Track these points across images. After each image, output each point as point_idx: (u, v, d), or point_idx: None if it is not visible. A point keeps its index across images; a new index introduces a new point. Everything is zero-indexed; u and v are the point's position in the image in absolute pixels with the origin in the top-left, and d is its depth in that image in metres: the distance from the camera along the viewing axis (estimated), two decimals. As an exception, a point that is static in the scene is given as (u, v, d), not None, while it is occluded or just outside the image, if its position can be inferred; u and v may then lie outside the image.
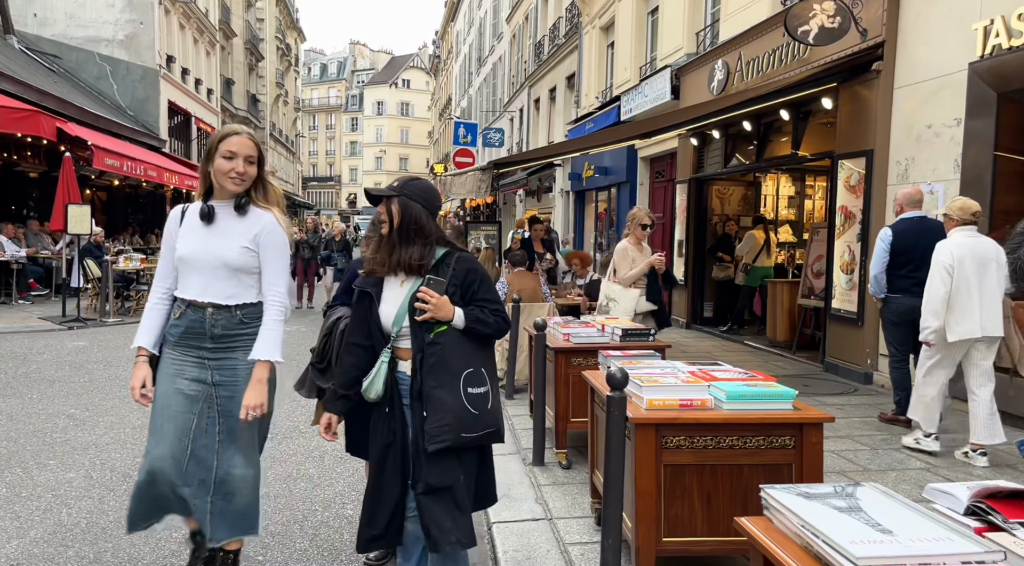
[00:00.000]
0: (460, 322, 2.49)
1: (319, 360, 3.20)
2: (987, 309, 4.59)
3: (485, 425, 2.47)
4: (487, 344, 2.62)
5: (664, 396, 2.86)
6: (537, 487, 4.25)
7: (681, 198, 11.82)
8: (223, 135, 2.81)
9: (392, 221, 2.53)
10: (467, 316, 2.51)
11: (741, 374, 3.21)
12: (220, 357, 2.82)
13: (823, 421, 2.80)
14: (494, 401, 2.53)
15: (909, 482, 4.31)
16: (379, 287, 2.62)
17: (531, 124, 23.62)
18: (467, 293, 2.56)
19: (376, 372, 2.57)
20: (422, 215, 2.53)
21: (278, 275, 2.87)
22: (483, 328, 2.54)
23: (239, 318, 2.82)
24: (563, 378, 4.61)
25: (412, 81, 75.81)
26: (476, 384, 2.48)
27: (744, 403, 2.85)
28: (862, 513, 1.67)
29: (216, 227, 2.83)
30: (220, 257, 2.78)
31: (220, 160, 2.77)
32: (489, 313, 2.55)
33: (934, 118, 6.52)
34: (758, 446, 2.80)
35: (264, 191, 2.92)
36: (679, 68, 11.59)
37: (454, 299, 2.51)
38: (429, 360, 2.46)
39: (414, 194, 2.56)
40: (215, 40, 30.05)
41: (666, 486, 2.79)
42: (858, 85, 7.41)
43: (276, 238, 2.85)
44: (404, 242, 2.53)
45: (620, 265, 6.00)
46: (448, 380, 2.44)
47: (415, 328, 2.49)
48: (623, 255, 6.03)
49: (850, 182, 7.47)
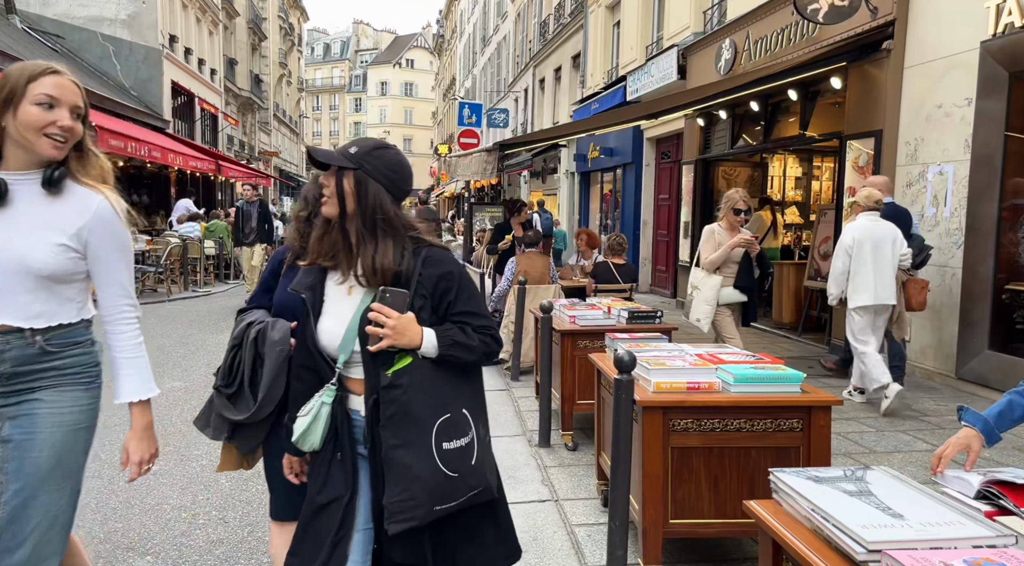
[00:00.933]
0: (431, 349, 1.80)
1: (226, 383, 2.24)
2: (881, 281, 5.45)
3: (468, 487, 1.80)
4: (471, 373, 1.93)
5: (671, 379, 2.85)
6: (543, 469, 4.26)
7: (687, 179, 11.75)
8: (34, 73, 1.89)
9: (343, 202, 1.83)
10: (441, 340, 1.82)
11: (748, 357, 3.20)
12: (13, 403, 1.92)
13: (831, 404, 2.80)
14: (480, 451, 1.85)
15: (915, 464, 4.32)
16: (319, 290, 1.92)
17: (536, 105, 23.46)
18: (441, 306, 1.87)
19: (313, 414, 1.84)
20: (386, 202, 1.84)
21: (123, 282, 2.02)
22: (464, 355, 1.84)
23: (40, 346, 1.91)
24: (569, 360, 4.61)
25: (416, 61, 75.30)
26: (454, 435, 1.80)
27: (752, 386, 2.84)
28: (872, 497, 1.67)
29: (10, 213, 1.88)
30: (19, 259, 1.86)
31: (30, 109, 1.85)
32: (473, 332, 1.87)
33: (944, 98, 6.44)
34: (766, 429, 2.79)
35: (86, 161, 1.99)
36: (686, 48, 11.48)
37: (423, 317, 1.82)
38: (387, 409, 1.76)
39: (377, 171, 1.84)
40: (218, 19, 29.85)
41: (673, 469, 2.80)
42: (868, 64, 7.33)
43: (114, 233, 1.98)
44: (366, 237, 1.83)
45: (705, 249, 5.30)
46: (414, 436, 1.76)
47: (368, 361, 1.81)
48: (709, 237, 5.30)
49: (858, 163, 7.41)
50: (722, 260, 5.16)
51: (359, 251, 1.84)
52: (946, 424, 5.14)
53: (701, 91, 8.64)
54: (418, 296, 1.84)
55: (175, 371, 6.80)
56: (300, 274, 1.96)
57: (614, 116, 10.34)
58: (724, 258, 5.15)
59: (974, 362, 6.02)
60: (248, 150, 34.97)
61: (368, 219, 1.83)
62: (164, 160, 16.34)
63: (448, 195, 38.50)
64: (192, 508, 3.74)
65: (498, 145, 7.36)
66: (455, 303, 1.88)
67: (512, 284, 6.69)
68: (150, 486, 3.97)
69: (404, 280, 1.84)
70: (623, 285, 7.01)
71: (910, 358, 6.78)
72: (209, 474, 4.19)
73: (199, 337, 8.61)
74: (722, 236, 5.22)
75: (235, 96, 32.97)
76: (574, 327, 4.68)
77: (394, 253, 1.84)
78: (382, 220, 1.84)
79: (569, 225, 18.76)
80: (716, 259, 5.17)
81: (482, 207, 11.61)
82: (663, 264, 13.55)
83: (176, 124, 24.25)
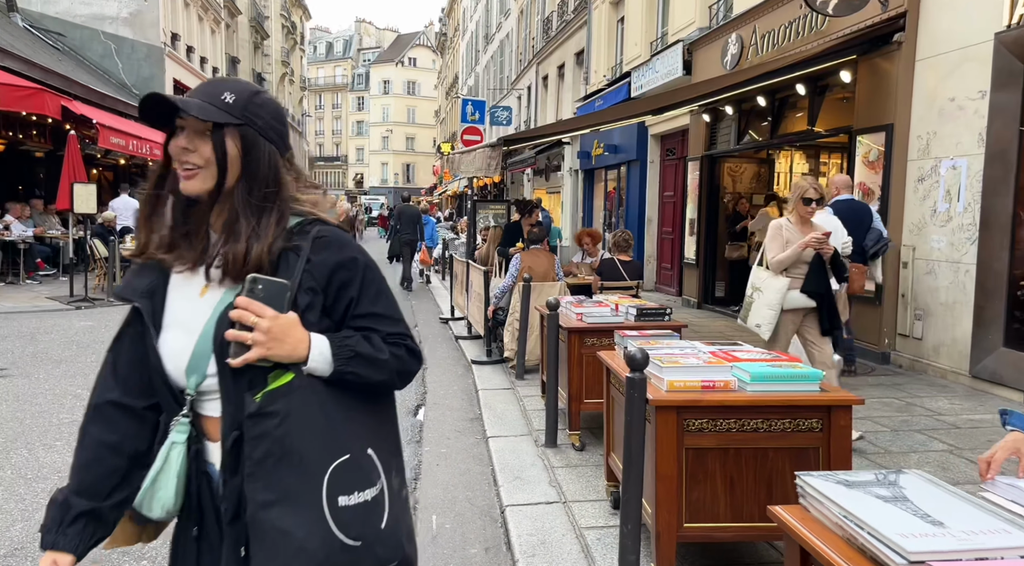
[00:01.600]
0: (322, 364, 1.31)
1: None
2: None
3: (376, 561, 1.32)
4: (380, 400, 1.44)
5: (685, 377, 2.75)
6: (550, 469, 4.16)
7: (693, 176, 11.64)
8: None
9: (223, 172, 1.34)
10: (337, 351, 1.33)
11: (764, 355, 3.10)
12: None
13: (852, 404, 2.70)
14: (394, 508, 1.37)
15: (933, 464, 4.20)
16: (158, 295, 1.39)
17: (539, 102, 23.35)
18: (337, 306, 1.37)
19: (161, 465, 1.34)
20: (280, 167, 1.40)
21: None
22: (370, 373, 1.35)
23: None
24: (576, 359, 4.51)
25: (418, 59, 75.19)
26: (355, 485, 1.31)
27: (769, 384, 2.74)
28: (909, 503, 1.56)
29: None
30: None
31: None
32: (383, 343, 1.38)
33: (958, 91, 6.32)
34: (784, 429, 2.69)
35: None
36: (691, 43, 11.36)
37: (310, 319, 1.33)
38: (255, 449, 1.26)
39: (269, 126, 1.38)
40: (220, 18, 29.78)
41: (688, 470, 2.69)
42: (878, 57, 7.21)
43: None
44: (247, 216, 1.33)
45: (771, 247, 4.63)
46: (296, 488, 1.26)
47: (228, 380, 1.31)
48: (775, 233, 4.62)
49: (868, 158, 7.29)
50: (791, 261, 4.49)
51: (228, 235, 1.33)
52: (961, 424, 5.03)
53: (708, 86, 8.52)
54: (304, 290, 1.33)
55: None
56: (129, 275, 1.45)
57: (619, 111, 10.24)
58: (794, 259, 4.48)
59: (988, 360, 5.90)
60: (251, 149, 34.82)
61: (258, 192, 1.35)
62: (166, 158, 16.23)
63: (451, 193, 38.41)
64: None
65: (502, 141, 7.25)
66: (358, 302, 1.38)
67: (516, 281, 6.59)
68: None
69: (285, 268, 1.34)
70: (629, 282, 6.90)
71: (922, 356, 6.67)
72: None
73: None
74: (791, 233, 4.56)
75: (237, 94, 32.85)
76: (581, 325, 4.58)
77: (270, 231, 1.34)
78: (274, 193, 1.37)
79: (573, 223, 18.65)
80: (784, 259, 4.49)
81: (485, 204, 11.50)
82: (668, 262, 13.43)
83: (178, 122, 24.14)
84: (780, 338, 4.58)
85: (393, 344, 1.41)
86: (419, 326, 9.79)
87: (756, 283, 4.70)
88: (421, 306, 11.82)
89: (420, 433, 5.06)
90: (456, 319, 9.83)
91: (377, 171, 74.41)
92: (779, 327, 4.55)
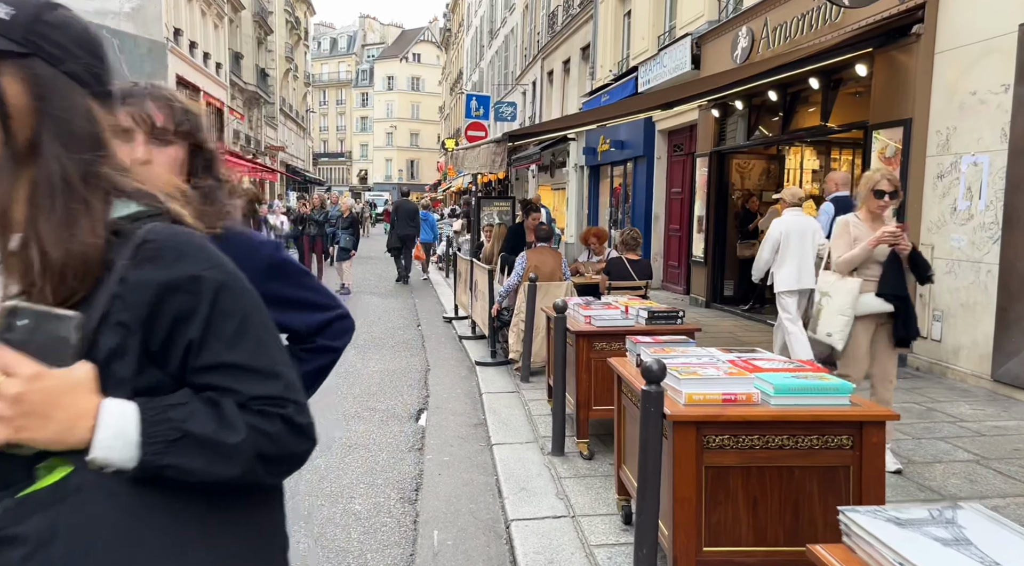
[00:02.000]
0: (121, 452, 0.83)
1: None
2: (804, 269, 5.97)
3: None
4: (234, 505, 0.92)
5: (705, 390, 2.55)
6: (557, 480, 3.97)
7: (701, 172, 11.42)
8: None
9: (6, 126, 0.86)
10: (149, 430, 0.84)
11: (787, 364, 2.90)
12: None
13: (886, 419, 2.50)
14: None
15: (959, 476, 4.00)
16: None
17: (544, 98, 23.12)
18: (171, 350, 0.88)
19: None
20: (96, 119, 0.93)
21: None
22: (209, 465, 0.86)
23: None
24: (585, 364, 4.32)
25: (423, 55, 74.92)
26: None
27: (795, 397, 2.54)
28: (972, 547, 1.37)
29: None
30: None
31: None
32: (240, 411, 0.88)
33: (979, 84, 6.10)
34: (811, 446, 2.49)
35: None
36: (700, 36, 11.13)
37: (118, 372, 0.86)
38: None
39: (70, 57, 0.91)
40: (223, 13, 29.59)
41: (707, 490, 2.50)
42: (895, 50, 6.98)
43: None
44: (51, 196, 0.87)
45: (837, 246, 4.12)
46: None
47: None
48: (841, 231, 4.12)
49: (885, 154, 7.07)
50: (860, 260, 3.99)
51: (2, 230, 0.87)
52: (986, 431, 4.82)
53: (718, 79, 8.31)
54: (111, 328, 0.85)
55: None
56: None
57: (627, 106, 10.03)
58: (863, 257, 3.98)
59: (1012, 363, 5.69)
60: (254, 145, 34.75)
61: (64, 161, 0.88)
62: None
63: (455, 190, 38.20)
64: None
65: (507, 136, 7.06)
66: (202, 346, 0.88)
67: (522, 280, 6.40)
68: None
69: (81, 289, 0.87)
70: (638, 282, 6.71)
71: (941, 359, 6.47)
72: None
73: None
74: (860, 230, 4.05)
75: (241, 90, 32.75)
76: (590, 328, 4.39)
77: (83, 223, 0.87)
78: (92, 162, 0.89)
79: (578, 220, 18.44)
80: (852, 258, 3.99)
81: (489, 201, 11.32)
82: (675, 259, 13.22)
83: (181, 118, 23.99)
84: (857, 350, 4.02)
85: (259, 414, 0.87)
86: (422, 325, 9.61)
87: (824, 287, 4.17)
88: (424, 305, 11.65)
89: (422, 440, 4.88)
90: (460, 318, 9.65)
91: (381, 167, 74.23)
92: (853, 337, 3.98)
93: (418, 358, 7.48)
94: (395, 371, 6.84)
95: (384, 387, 6.22)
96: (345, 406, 5.59)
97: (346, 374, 6.63)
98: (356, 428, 5.03)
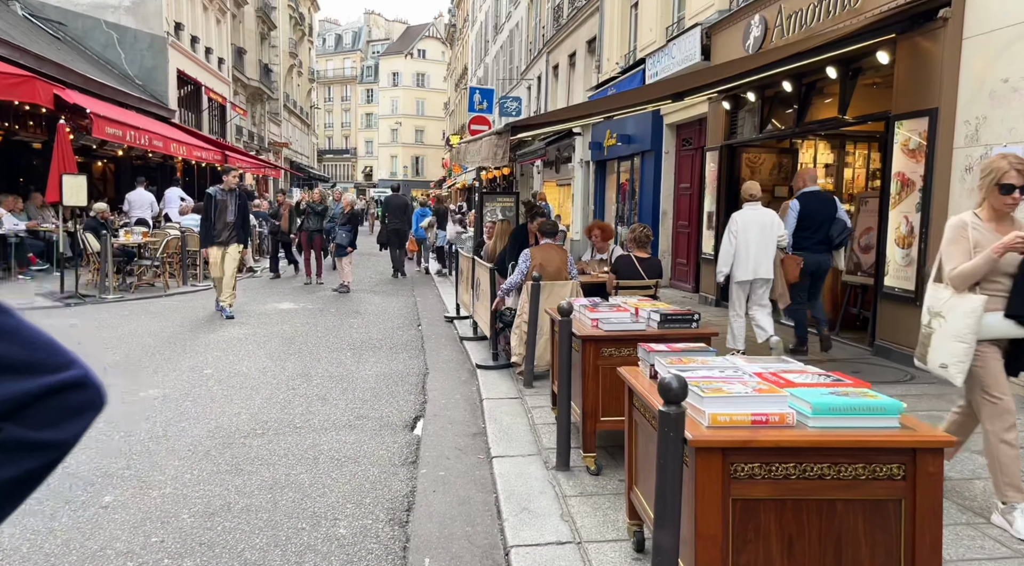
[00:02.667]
0: None
1: None
2: (761, 260, 6.38)
3: None
4: None
5: (731, 410, 2.22)
6: (562, 499, 3.64)
7: (711, 167, 11.05)
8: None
9: None
10: None
11: (823, 377, 2.55)
12: None
13: (944, 445, 2.15)
14: None
15: (1002, 496, 3.64)
16: None
17: (549, 92, 22.74)
18: None
19: None
20: None
21: None
22: None
23: None
24: (592, 371, 3.98)
25: (428, 51, 74.49)
26: None
27: (836, 419, 2.20)
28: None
29: None
30: None
31: None
32: None
33: (1011, 71, 5.72)
34: (856, 476, 2.15)
35: None
36: (710, 26, 10.75)
37: None
38: None
39: None
40: (225, 7, 29.27)
41: (735, 527, 2.16)
42: (920, 36, 6.60)
43: None
44: None
45: (949, 253, 3.31)
46: None
47: None
48: (956, 235, 3.31)
49: (908, 146, 6.70)
50: (983, 272, 3.20)
51: None
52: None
53: (732, 67, 7.93)
54: None
55: (154, 376, 6.21)
56: None
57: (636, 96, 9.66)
58: (987, 269, 3.19)
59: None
60: (257, 141, 34.47)
61: None
62: (166, 149, 15.79)
63: (460, 186, 37.83)
64: (140, 555, 3.12)
65: (509, 127, 6.71)
66: None
67: (526, 278, 6.06)
68: (98, 521, 3.39)
69: None
70: (647, 281, 6.35)
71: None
72: (170, 506, 3.60)
73: (188, 335, 8.03)
74: (981, 233, 3.25)
75: (244, 86, 32.45)
76: (597, 332, 4.04)
77: None
78: None
79: (584, 216, 18.08)
80: (972, 271, 3.20)
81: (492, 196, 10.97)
82: (684, 257, 12.86)
83: (182, 114, 23.72)
84: (986, 383, 3.29)
85: None
86: (423, 325, 9.28)
87: (935, 307, 3.37)
88: (425, 303, 11.32)
89: (416, 452, 4.54)
90: (462, 318, 9.32)
91: (386, 164, 73.88)
92: (984, 365, 3.27)
93: (417, 361, 7.15)
94: (392, 375, 6.51)
95: (379, 393, 5.89)
96: (336, 415, 5.26)
97: (339, 378, 6.31)
98: (346, 439, 4.70)
